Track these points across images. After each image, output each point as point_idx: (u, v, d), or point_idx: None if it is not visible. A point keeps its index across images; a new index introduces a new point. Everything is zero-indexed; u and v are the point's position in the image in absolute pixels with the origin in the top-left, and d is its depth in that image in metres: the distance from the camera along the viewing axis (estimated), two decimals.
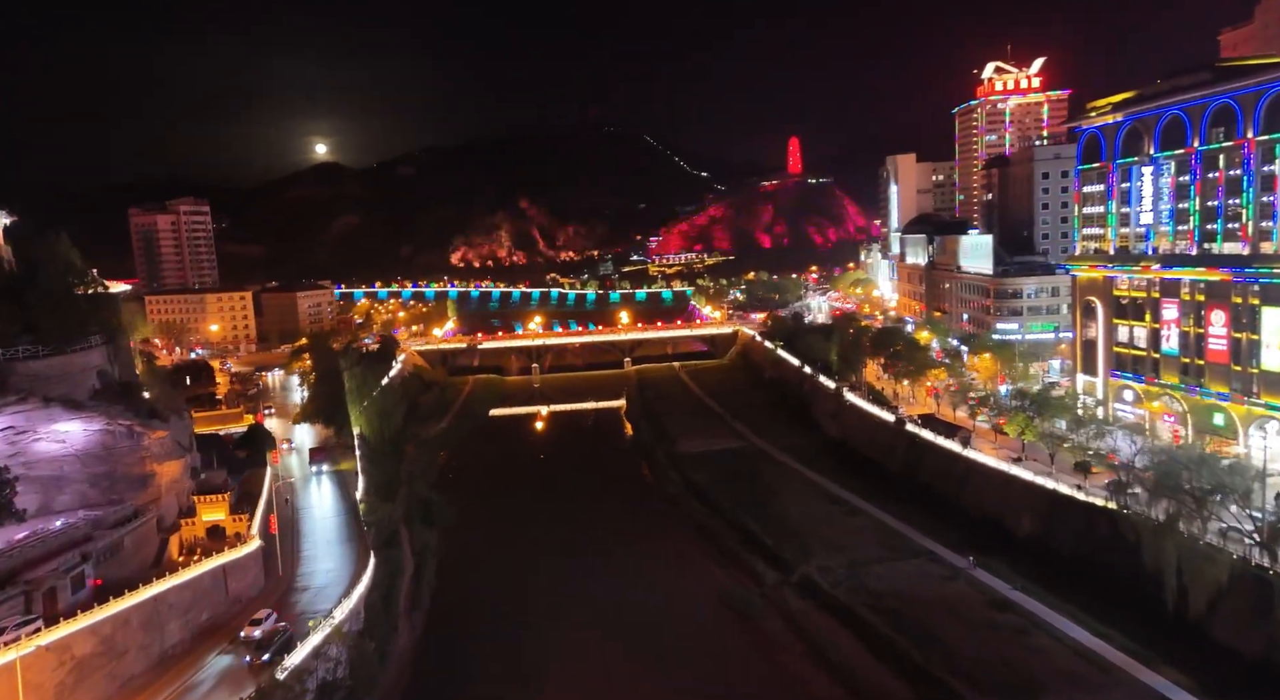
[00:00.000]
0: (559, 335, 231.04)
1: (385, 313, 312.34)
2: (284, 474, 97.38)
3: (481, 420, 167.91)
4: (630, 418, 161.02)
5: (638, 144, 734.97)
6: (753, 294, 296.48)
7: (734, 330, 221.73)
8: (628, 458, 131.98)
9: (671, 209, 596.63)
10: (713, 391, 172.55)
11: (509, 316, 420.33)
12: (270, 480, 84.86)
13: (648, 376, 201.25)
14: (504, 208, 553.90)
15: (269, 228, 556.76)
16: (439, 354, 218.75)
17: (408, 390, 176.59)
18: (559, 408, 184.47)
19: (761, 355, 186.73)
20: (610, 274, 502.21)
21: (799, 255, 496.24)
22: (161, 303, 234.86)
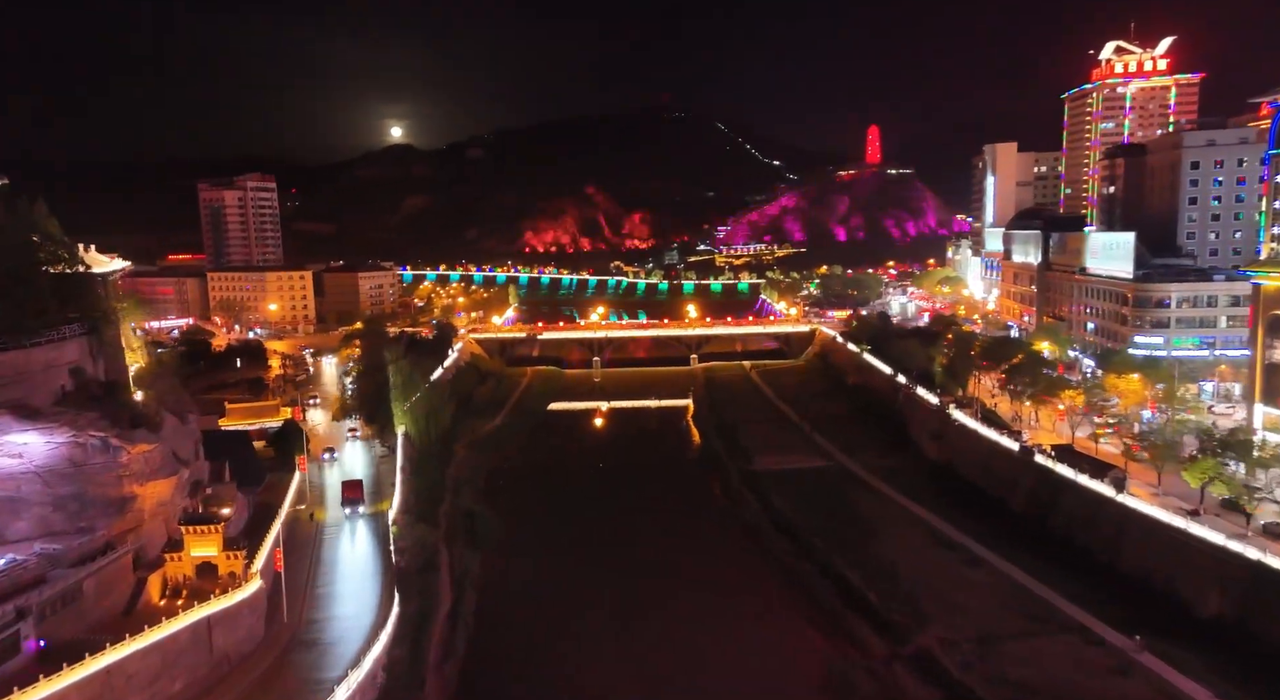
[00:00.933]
0: (622, 327, 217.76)
1: (446, 297, 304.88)
2: (317, 483, 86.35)
3: (539, 417, 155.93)
4: (698, 423, 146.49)
5: (709, 131, 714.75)
6: (829, 289, 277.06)
7: (811, 329, 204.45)
8: (696, 472, 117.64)
9: (741, 198, 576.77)
10: (788, 397, 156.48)
11: (570, 304, 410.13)
12: (295, 493, 73.76)
13: (716, 376, 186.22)
14: (571, 193, 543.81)
15: (339, 207, 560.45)
16: (498, 343, 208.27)
17: (463, 382, 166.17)
18: (620, 404, 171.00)
19: (844, 359, 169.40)
20: (676, 264, 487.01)
21: (875, 250, 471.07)
22: (222, 280, 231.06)
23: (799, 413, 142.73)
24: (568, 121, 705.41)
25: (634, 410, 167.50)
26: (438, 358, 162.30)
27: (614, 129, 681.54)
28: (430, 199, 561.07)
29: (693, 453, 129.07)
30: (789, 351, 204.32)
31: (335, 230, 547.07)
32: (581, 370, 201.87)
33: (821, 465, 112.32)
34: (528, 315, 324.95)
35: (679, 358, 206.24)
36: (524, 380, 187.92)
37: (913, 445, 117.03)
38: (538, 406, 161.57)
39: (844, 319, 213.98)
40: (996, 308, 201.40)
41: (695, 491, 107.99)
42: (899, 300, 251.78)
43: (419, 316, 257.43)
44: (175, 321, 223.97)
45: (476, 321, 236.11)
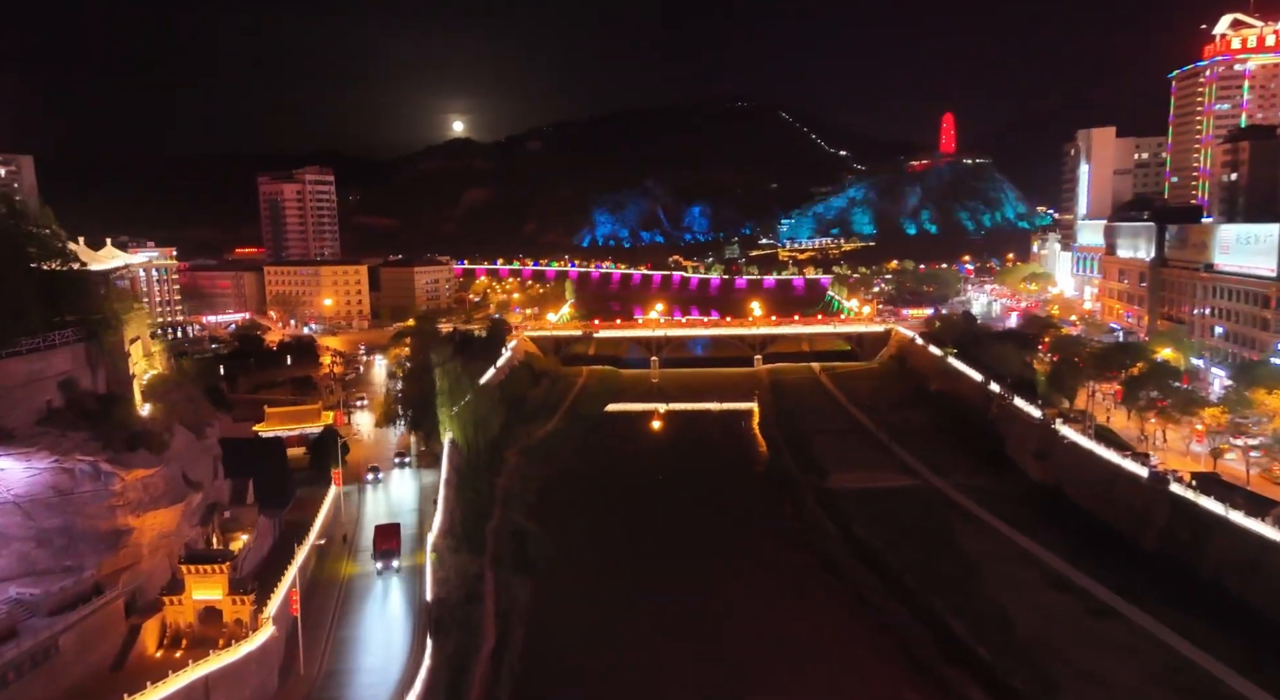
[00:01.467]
0: (682, 326, 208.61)
1: (502, 292, 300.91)
2: (355, 508, 79.56)
3: (594, 420, 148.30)
4: (764, 431, 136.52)
5: (772, 120, 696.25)
6: (902, 286, 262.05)
7: (886, 329, 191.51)
8: (764, 487, 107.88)
9: (806, 189, 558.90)
10: (864, 404, 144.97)
11: (628, 300, 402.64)
12: (326, 516, 67.32)
13: (783, 378, 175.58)
14: (629, 185, 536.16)
15: (400, 201, 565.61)
16: (552, 341, 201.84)
17: (516, 383, 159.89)
18: (679, 407, 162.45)
19: (924, 362, 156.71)
20: (737, 258, 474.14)
21: (948, 243, 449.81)
22: (278, 274, 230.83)
23: (876, 422, 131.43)
24: (627, 112, 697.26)
25: (694, 413, 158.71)
26: (490, 357, 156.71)
27: (674, 119, 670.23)
28: (489, 192, 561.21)
29: (760, 464, 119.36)
30: (861, 353, 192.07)
31: (397, 224, 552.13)
32: (639, 371, 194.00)
33: (908, 485, 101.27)
34: (584, 311, 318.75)
35: (741, 358, 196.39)
36: (579, 381, 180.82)
37: (1012, 464, 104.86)
38: (593, 410, 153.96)
39: (922, 319, 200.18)
40: (1095, 308, 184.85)
41: (765, 511, 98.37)
42: (981, 298, 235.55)
43: (473, 313, 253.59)
44: (233, 316, 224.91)
45: (531, 318, 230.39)
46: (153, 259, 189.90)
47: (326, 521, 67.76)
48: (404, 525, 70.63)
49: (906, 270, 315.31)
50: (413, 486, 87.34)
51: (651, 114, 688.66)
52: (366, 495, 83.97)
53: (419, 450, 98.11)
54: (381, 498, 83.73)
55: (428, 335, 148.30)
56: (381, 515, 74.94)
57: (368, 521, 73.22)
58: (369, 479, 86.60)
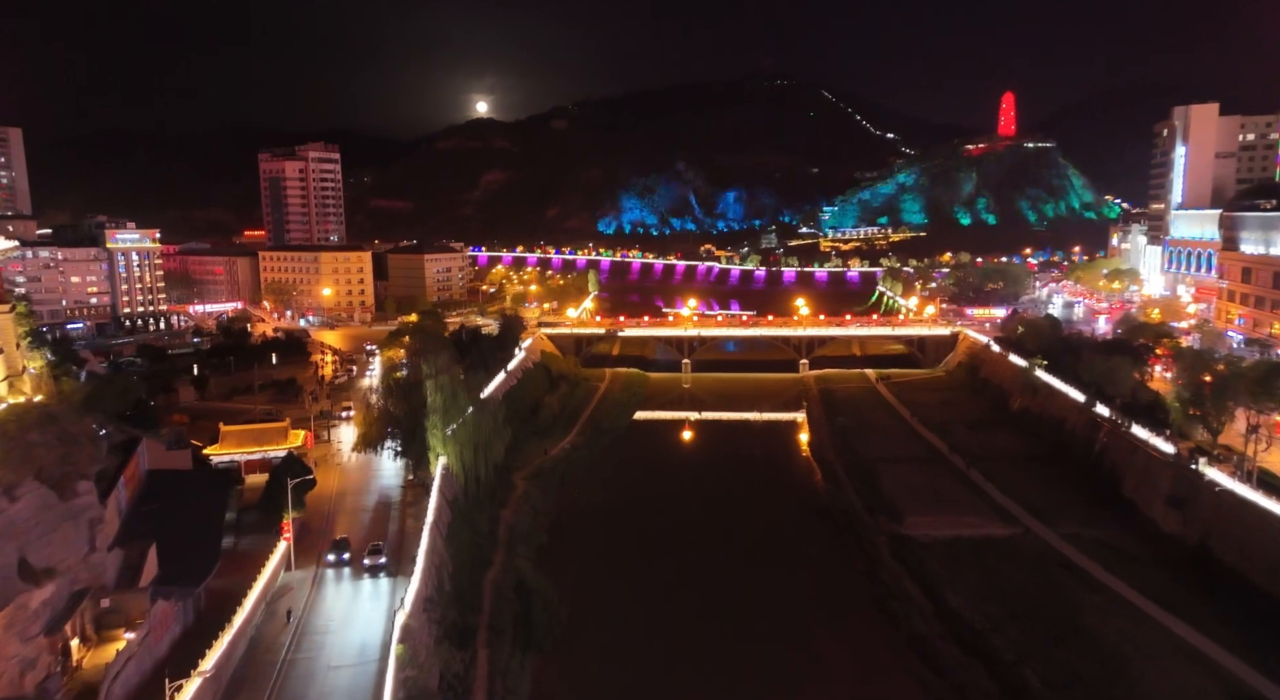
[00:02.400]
0: (717, 324, 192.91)
1: (519, 283, 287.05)
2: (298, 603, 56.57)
3: (618, 434, 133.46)
4: (818, 453, 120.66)
5: (813, 99, 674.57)
6: (964, 282, 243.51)
7: (953, 332, 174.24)
8: (824, 529, 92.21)
9: (850, 175, 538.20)
10: (932, 421, 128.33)
11: (657, 292, 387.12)
12: (259, 595, 52.81)
13: (834, 388, 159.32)
14: (659, 168, 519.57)
15: (417, 182, 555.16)
16: (572, 339, 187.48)
17: (530, 388, 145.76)
18: (715, 416, 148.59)
19: (1003, 374, 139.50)
20: (774, 248, 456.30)
21: (1008, 235, 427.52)
22: (274, 261, 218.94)
23: (952, 446, 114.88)
24: (658, 90, 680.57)
25: (732, 425, 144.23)
26: (502, 358, 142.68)
27: (709, 98, 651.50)
28: (510, 174, 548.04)
29: (815, 495, 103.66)
30: (922, 359, 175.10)
31: (412, 207, 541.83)
32: (668, 374, 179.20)
33: (1006, 534, 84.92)
34: (609, 305, 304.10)
35: (784, 361, 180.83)
36: (601, 386, 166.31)
37: (1133, 510, 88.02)
38: (616, 421, 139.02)
39: (990, 320, 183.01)
40: (1199, 311, 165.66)
41: (830, 564, 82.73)
42: (1057, 298, 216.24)
43: (487, 305, 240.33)
44: (224, 306, 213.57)
45: (549, 313, 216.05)
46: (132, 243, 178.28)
47: (258, 602, 53.19)
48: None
49: (965, 264, 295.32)
50: (381, 610, 56.20)
51: (684, 92, 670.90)
52: (324, 593, 59.18)
53: (406, 479, 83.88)
54: (339, 608, 57.12)
55: (429, 334, 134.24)
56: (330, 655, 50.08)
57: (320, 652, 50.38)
58: (330, 559, 62.59)
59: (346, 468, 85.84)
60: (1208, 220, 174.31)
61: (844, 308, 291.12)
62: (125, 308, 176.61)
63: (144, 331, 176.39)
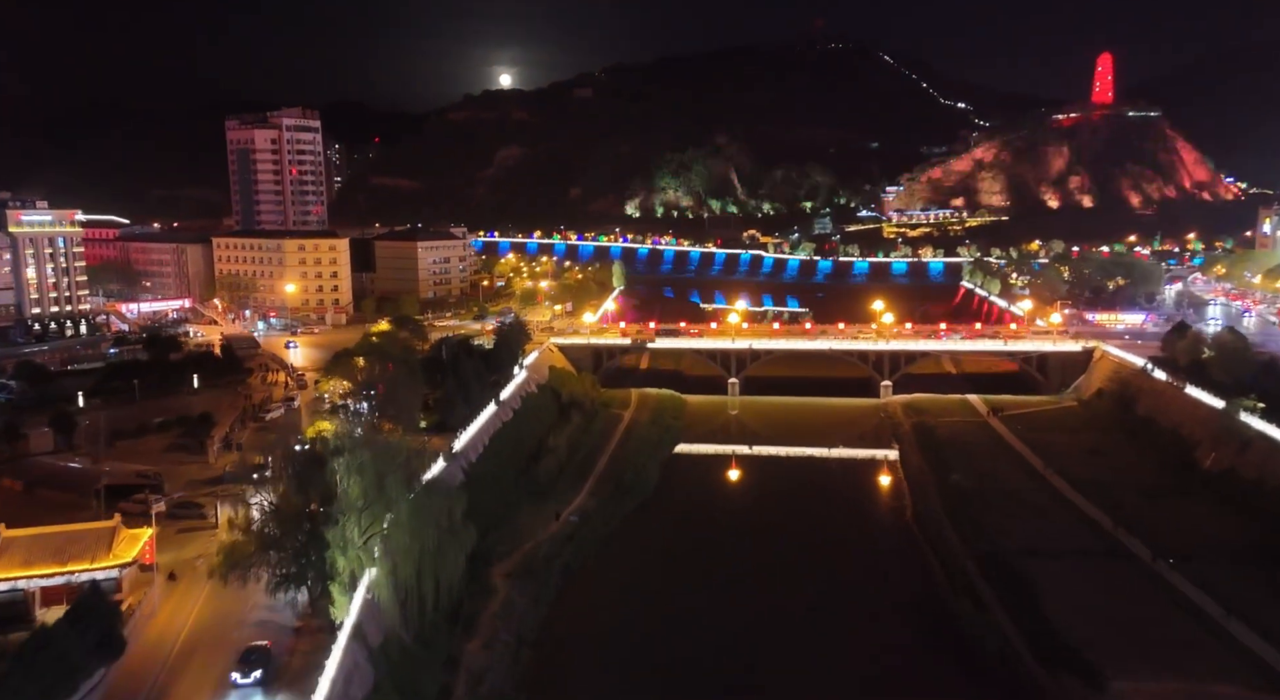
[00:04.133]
0: (774, 334, 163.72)
1: (529, 276, 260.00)
2: None
3: (645, 490, 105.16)
4: (926, 526, 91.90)
5: (873, 64, 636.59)
6: (1080, 278, 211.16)
7: (1084, 348, 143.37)
8: (963, 678, 63.33)
9: (916, 150, 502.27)
10: (1085, 482, 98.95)
11: (693, 285, 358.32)
12: None
13: (932, 422, 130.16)
14: (697, 143, 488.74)
15: (426, 159, 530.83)
16: (590, 352, 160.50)
17: (530, 422, 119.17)
18: (771, 451, 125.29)
19: (1178, 414, 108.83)
20: (830, 234, 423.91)
21: (1107, 218, 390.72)
22: (230, 249, 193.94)
23: (1123, 522, 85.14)
24: (696, 55, 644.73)
25: (795, 466, 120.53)
26: (496, 381, 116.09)
27: (753, 63, 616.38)
28: (527, 149, 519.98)
29: (936, 605, 74.95)
30: (1042, 383, 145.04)
31: (419, 186, 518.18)
32: (710, 398, 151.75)
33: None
34: (637, 303, 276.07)
35: (858, 381, 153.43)
36: (625, 414, 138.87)
37: None
38: (643, 471, 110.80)
39: (1122, 328, 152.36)
40: None
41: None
42: (1217, 304, 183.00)
43: (491, 304, 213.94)
44: (168, 303, 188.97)
45: (563, 316, 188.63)
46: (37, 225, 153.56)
47: None
48: None
49: (1087, 256, 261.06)
50: None
51: (725, 57, 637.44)
52: None
53: (304, 616, 56.53)
54: None
55: (394, 354, 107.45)
56: None
57: None
58: None
59: (215, 592, 58.29)
60: None
61: (922, 308, 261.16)
62: (35, 308, 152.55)
63: (58, 338, 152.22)
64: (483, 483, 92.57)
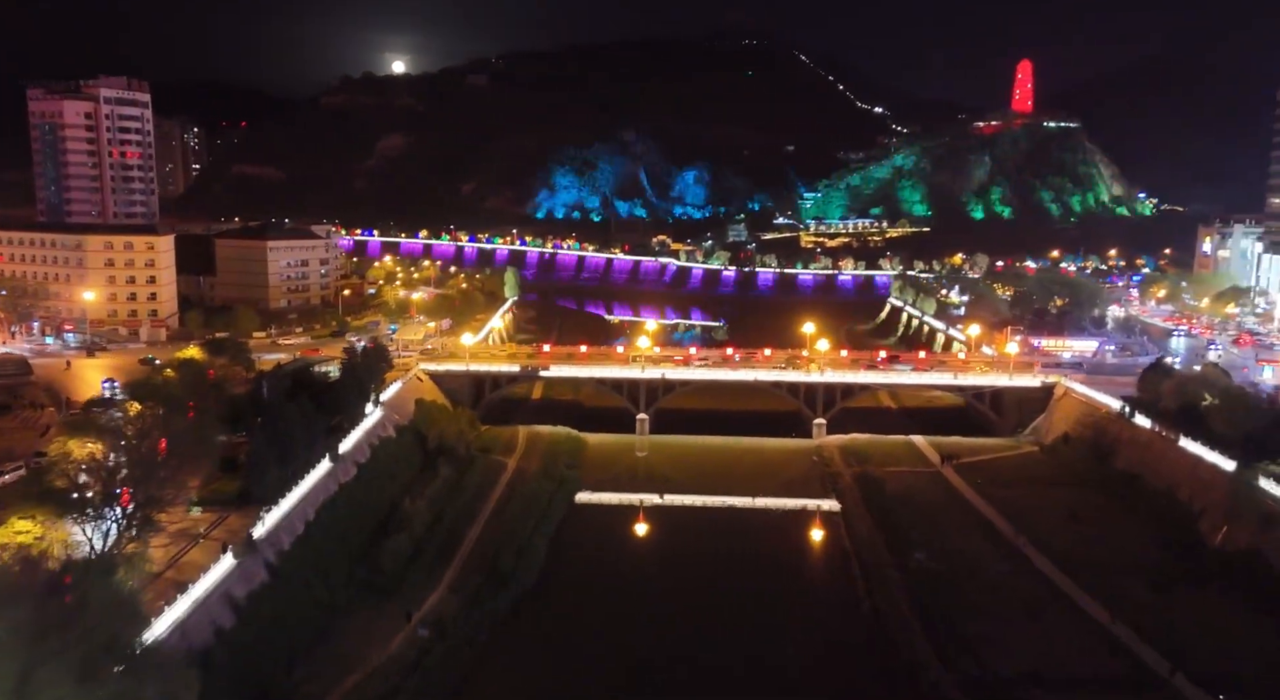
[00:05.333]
0: (691, 363, 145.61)
1: (405, 283, 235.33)
2: None
3: (530, 576, 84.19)
4: (886, 619, 74.93)
5: (789, 64, 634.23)
6: (1020, 295, 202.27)
7: (1042, 383, 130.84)
8: None
9: (833, 155, 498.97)
10: (1075, 562, 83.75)
11: (596, 295, 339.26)
12: None
13: (878, 472, 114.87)
14: (603, 139, 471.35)
15: (295, 146, 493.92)
16: (470, 380, 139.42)
17: (378, 484, 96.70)
18: (686, 501, 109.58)
19: (1168, 471, 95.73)
20: (744, 241, 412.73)
21: (1028, 232, 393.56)
22: (12, 246, 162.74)
23: (1130, 621, 69.98)
24: (603, 46, 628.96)
25: (715, 519, 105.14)
26: (338, 425, 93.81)
27: (663, 56, 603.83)
28: (414, 139, 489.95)
29: None
30: (996, 421, 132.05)
31: (288, 177, 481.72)
32: (615, 437, 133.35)
33: None
34: (534, 316, 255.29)
35: (785, 415, 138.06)
36: (510, 462, 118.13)
37: None
38: (528, 549, 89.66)
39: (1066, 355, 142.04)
40: None
41: None
42: (1180, 332, 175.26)
43: (355, 317, 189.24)
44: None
45: (441, 334, 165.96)
46: None
47: None
48: None
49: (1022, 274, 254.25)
50: None
51: (635, 48, 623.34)
52: None
53: None
54: None
55: (177, 394, 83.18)
56: None
57: None
58: None
59: None
60: None
61: (849, 326, 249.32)
62: None
63: None
64: (295, 582, 70.22)
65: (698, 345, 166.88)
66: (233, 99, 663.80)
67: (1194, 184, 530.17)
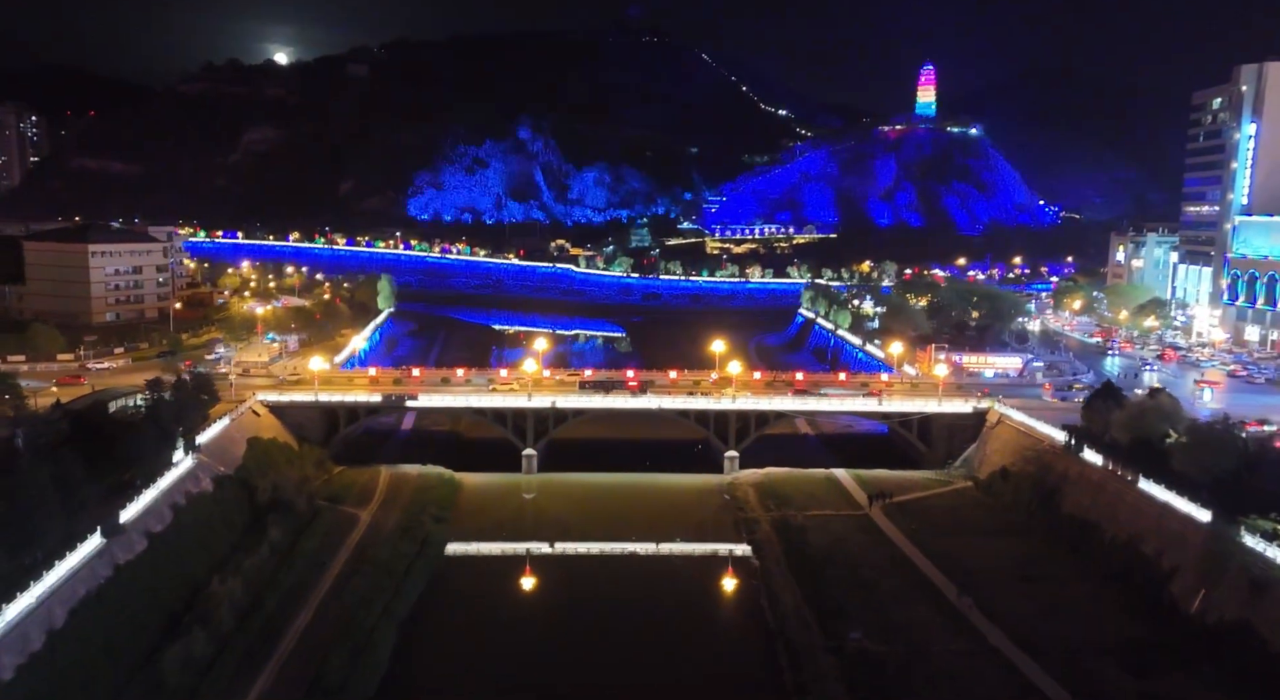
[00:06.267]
0: (581, 383, 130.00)
1: (257, 293, 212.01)
2: None
3: (365, 690, 66.65)
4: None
5: (691, 63, 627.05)
6: (936, 307, 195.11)
7: (973, 408, 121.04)
8: None
9: (738, 157, 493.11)
10: (1032, 632, 72.32)
11: (488, 304, 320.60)
12: None
13: (798, 517, 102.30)
14: (495, 135, 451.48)
15: (149, 139, 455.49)
16: (322, 413, 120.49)
17: (186, 551, 77.86)
18: (580, 549, 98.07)
19: (1131, 518, 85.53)
20: (648, 247, 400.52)
21: (935, 239, 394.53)
22: None
23: None
24: (495, 36, 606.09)
25: (615, 566, 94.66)
26: (140, 474, 74.74)
27: (560, 50, 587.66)
28: (285, 132, 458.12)
29: None
30: (923, 452, 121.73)
31: (140, 171, 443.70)
32: (496, 475, 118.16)
33: None
34: (417, 332, 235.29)
35: (693, 444, 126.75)
36: (363, 515, 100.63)
37: None
38: (366, 645, 71.89)
39: (986, 370, 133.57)
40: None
41: None
42: (1117, 349, 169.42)
43: (193, 334, 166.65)
44: None
45: (288, 355, 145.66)
46: None
47: None
48: None
49: (933, 284, 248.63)
50: None
51: (530, 39, 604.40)
52: None
53: None
54: None
55: None
56: None
57: None
58: None
59: None
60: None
61: (757, 340, 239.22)
62: None
63: None
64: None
65: (593, 369, 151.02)
66: (85, 87, 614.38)
67: (1084, 191, 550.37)
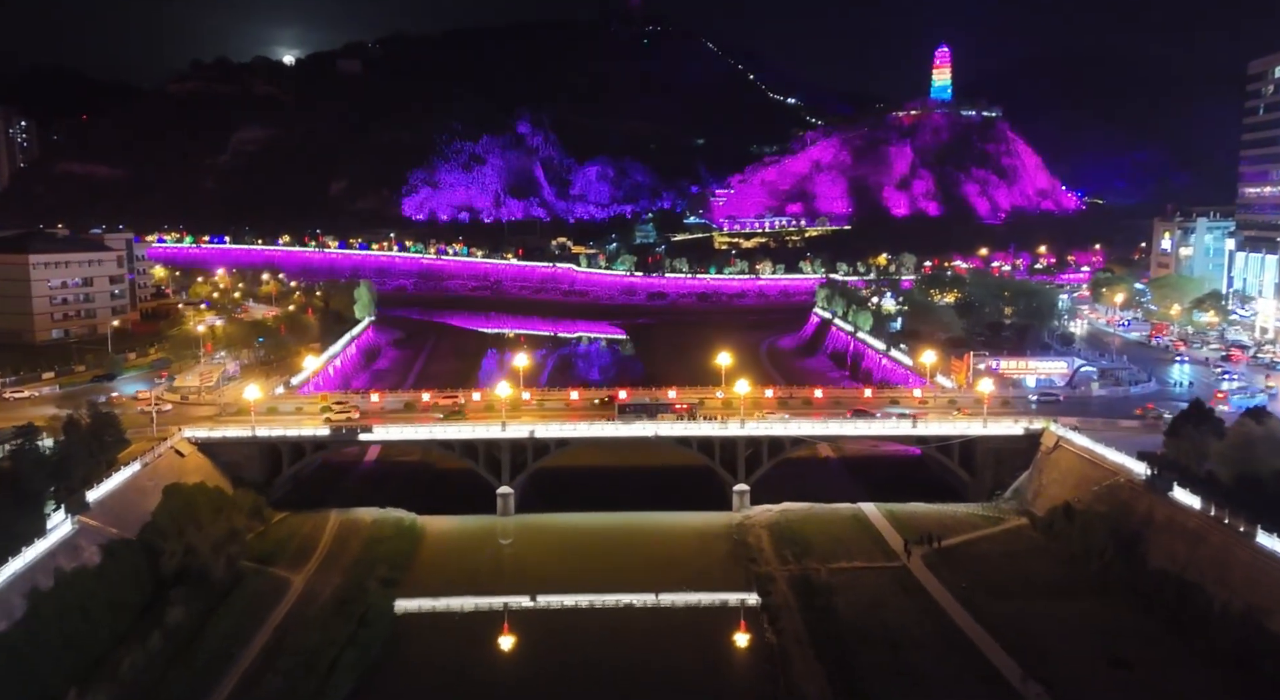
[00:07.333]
0: (570, 409, 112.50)
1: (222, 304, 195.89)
2: None
3: None
4: None
5: (696, 52, 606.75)
6: (968, 309, 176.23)
7: (1025, 430, 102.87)
8: None
9: (746, 148, 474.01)
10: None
11: (487, 308, 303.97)
12: None
13: (820, 572, 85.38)
14: (493, 131, 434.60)
15: (136, 141, 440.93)
16: (262, 450, 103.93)
17: (47, 644, 60.78)
18: (567, 601, 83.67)
19: (1247, 582, 67.53)
20: (654, 243, 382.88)
21: (957, 228, 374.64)
22: None
23: None
24: (493, 29, 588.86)
25: (607, 620, 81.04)
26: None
27: (560, 42, 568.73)
28: (275, 132, 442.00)
29: None
30: (966, 481, 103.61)
31: (126, 175, 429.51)
32: (467, 519, 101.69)
33: None
34: (402, 341, 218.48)
35: (696, 473, 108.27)
36: (295, 580, 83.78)
37: None
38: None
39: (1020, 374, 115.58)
40: None
41: None
42: (1184, 359, 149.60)
43: (140, 353, 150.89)
44: None
45: (228, 380, 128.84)
46: None
47: None
48: None
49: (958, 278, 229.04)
50: None
51: (528, 32, 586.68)
52: None
53: None
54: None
55: None
56: None
57: None
58: None
59: None
60: None
61: (769, 342, 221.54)
62: None
63: None
64: None
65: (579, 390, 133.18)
66: (73, 88, 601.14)
67: (1105, 175, 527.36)
